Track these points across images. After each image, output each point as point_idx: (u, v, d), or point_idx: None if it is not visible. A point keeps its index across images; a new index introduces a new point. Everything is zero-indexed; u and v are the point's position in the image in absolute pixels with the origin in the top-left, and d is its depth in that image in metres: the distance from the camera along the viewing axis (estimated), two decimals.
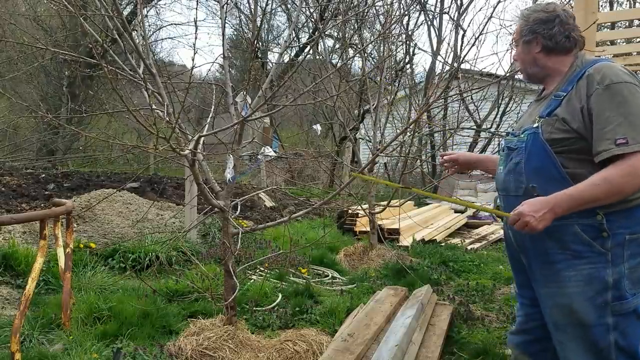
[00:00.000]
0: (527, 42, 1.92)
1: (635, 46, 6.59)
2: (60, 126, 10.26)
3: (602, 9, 12.95)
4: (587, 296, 1.73)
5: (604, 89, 1.67)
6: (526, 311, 2.08)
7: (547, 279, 1.84)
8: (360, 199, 6.12)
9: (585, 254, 1.74)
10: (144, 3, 6.03)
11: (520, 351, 2.11)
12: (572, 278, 1.76)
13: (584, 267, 1.74)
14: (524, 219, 1.71)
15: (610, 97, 1.66)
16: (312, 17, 7.52)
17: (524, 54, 1.95)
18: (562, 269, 1.78)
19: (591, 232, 1.73)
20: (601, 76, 1.70)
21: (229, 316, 2.93)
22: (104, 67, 2.29)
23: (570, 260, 1.76)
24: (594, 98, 1.69)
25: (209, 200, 2.84)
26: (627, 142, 1.61)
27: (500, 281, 4.72)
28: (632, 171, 1.62)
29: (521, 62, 1.98)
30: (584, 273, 1.74)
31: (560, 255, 1.78)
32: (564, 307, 1.79)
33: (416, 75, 12.93)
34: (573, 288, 1.76)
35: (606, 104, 1.67)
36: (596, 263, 1.72)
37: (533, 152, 1.82)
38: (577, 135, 1.73)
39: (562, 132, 1.75)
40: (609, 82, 1.68)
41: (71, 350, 2.76)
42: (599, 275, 1.72)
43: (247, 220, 6.88)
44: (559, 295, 1.80)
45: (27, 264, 3.87)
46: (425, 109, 4.09)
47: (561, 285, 1.79)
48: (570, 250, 1.76)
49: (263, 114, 3.58)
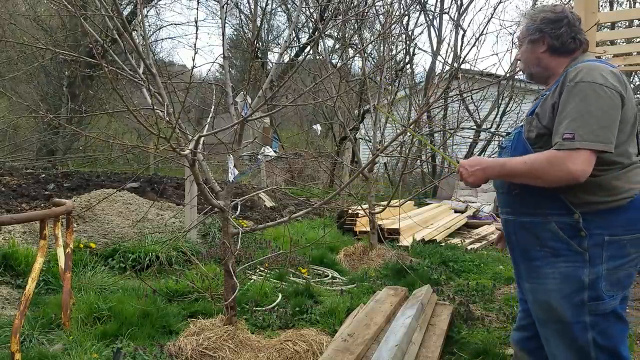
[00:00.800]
0: (533, 42, 1.92)
1: (635, 46, 6.59)
2: (60, 126, 10.27)
3: (602, 9, 12.95)
4: (564, 294, 1.75)
5: (572, 86, 1.69)
6: (524, 307, 2.10)
7: (528, 275, 1.88)
8: (360, 199, 6.12)
9: (563, 251, 1.75)
10: (144, 3, 6.02)
11: (519, 348, 2.13)
12: (549, 275, 1.78)
13: (561, 264, 1.75)
14: (459, 169, 1.88)
15: (575, 94, 1.67)
16: (312, 17, 7.52)
17: (528, 53, 1.95)
18: (541, 265, 1.81)
19: (569, 231, 1.74)
20: (575, 74, 1.71)
21: (229, 316, 2.93)
22: (104, 67, 2.29)
23: (548, 257, 1.79)
24: (563, 94, 1.71)
25: (209, 200, 2.84)
26: (573, 137, 1.62)
27: (500, 281, 4.72)
28: (557, 161, 1.63)
29: (524, 61, 1.98)
30: (561, 271, 1.75)
31: (539, 252, 1.81)
32: (542, 303, 1.82)
33: (416, 75, 12.94)
34: (551, 285, 1.78)
35: (569, 99, 1.68)
36: (573, 262, 1.73)
37: (517, 151, 1.86)
38: (548, 131, 1.74)
39: (536, 129, 1.79)
40: (579, 79, 1.68)
41: (71, 350, 2.76)
42: (575, 274, 1.73)
43: (247, 220, 6.88)
44: (539, 291, 1.83)
45: (27, 264, 3.87)
46: (425, 109, 4.09)
47: (540, 282, 1.82)
48: (548, 247, 1.78)
49: (263, 114, 3.58)
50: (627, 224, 1.72)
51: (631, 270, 1.77)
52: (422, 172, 12.24)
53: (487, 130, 11.41)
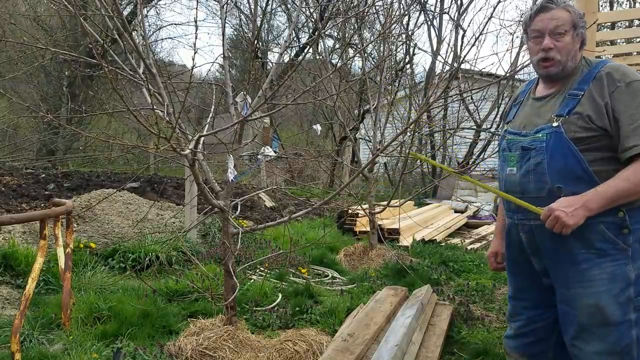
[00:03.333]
0: (578, 35, 1.84)
1: (635, 46, 6.60)
2: (60, 126, 10.26)
3: (602, 9, 12.95)
4: (612, 294, 1.73)
5: (626, 86, 1.69)
6: (528, 314, 2.04)
7: (571, 280, 1.81)
8: (360, 199, 6.12)
9: (609, 251, 1.73)
10: (144, 3, 6.01)
11: (520, 354, 2.08)
12: (596, 277, 1.75)
13: (607, 265, 1.73)
14: (554, 214, 1.68)
15: (634, 94, 1.68)
16: (312, 17, 7.52)
17: (570, 45, 1.83)
18: (587, 268, 1.76)
19: (614, 230, 1.73)
20: (620, 74, 1.71)
21: (229, 316, 2.93)
22: (104, 67, 2.29)
23: (594, 259, 1.75)
24: (616, 95, 1.69)
25: (209, 200, 2.84)
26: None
27: (500, 281, 4.72)
28: None
29: (565, 54, 1.84)
30: (608, 271, 1.73)
31: (584, 254, 1.76)
32: (590, 307, 1.76)
33: (416, 75, 12.94)
34: (598, 287, 1.74)
35: (630, 101, 1.68)
36: (618, 260, 1.73)
37: (556, 151, 1.77)
38: (603, 132, 1.72)
39: (586, 131, 1.73)
40: (629, 80, 1.69)
41: (71, 350, 2.76)
42: (621, 272, 1.72)
43: (247, 220, 6.88)
44: (585, 295, 1.77)
45: (27, 264, 3.87)
46: (425, 109, 4.09)
47: (585, 285, 1.77)
48: (594, 249, 1.75)
49: (263, 114, 3.58)
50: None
51: None
52: (422, 172, 12.24)
53: (487, 130, 11.40)
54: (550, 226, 1.71)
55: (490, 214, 9.51)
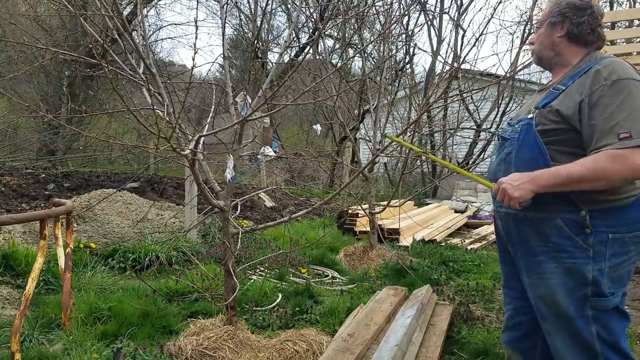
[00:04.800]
0: (553, 24, 1.90)
1: (635, 46, 6.58)
2: (60, 126, 10.25)
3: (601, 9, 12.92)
4: (567, 288, 1.75)
5: (610, 84, 1.68)
6: (515, 305, 2.08)
7: (530, 270, 1.87)
8: (360, 199, 6.12)
9: (567, 248, 1.75)
10: (144, 3, 6.02)
11: (511, 349, 2.11)
12: (553, 270, 1.78)
13: (565, 260, 1.75)
14: (501, 187, 1.74)
15: (616, 92, 1.67)
16: (312, 17, 7.52)
17: (545, 35, 1.93)
18: (544, 260, 1.80)
19: (574, 227, 1.74)
20: (609, 72, 1.70)
21: (229, 316, 2.93)
22: (104, 67, 2.29)
23: (551, 252, 1.78)
24: (598, 92, 1.69)
25: (209, 200, 2.84)
26: (630, 136, 1.61)
27: (500, 281, 4.71)
28: (621, 160, 1.61)
29: (539, 44, 1.95)
30: (565, 266, 1.75)
31: (542, 247, 1.80)
32: (545, 298, 1.81)
33: (416, 75, 12.94)
34: (554, 279, 1.77)
35: (611, 98, 1.67)
36: (577, 258, 1.74)
37: (525, 143, 1.83)
38: (569, 126, 1.73)
39: (553, 123, 1.76)
40: (616, 77, 1.68)
41: (71, 350, 2.76)
42: (579, 270, 1.73)
43: (247, 220, 6.88)
44: (541, 286, 1.82)
45: (27, 264, 3.87)
46: (425, 110, 4.09)
47: (543, 277, 1.81)
48: (552, 243, 1.78)
49: (263, 114, 3.58)
50: (631, 223, 1.73)
51: (631, 268, 1.79)
52: (422, 172, 12.24)
53: (487, 130, 11.40)
54: (500, 199, 1.76)
55: (490, 214, 9.51)
